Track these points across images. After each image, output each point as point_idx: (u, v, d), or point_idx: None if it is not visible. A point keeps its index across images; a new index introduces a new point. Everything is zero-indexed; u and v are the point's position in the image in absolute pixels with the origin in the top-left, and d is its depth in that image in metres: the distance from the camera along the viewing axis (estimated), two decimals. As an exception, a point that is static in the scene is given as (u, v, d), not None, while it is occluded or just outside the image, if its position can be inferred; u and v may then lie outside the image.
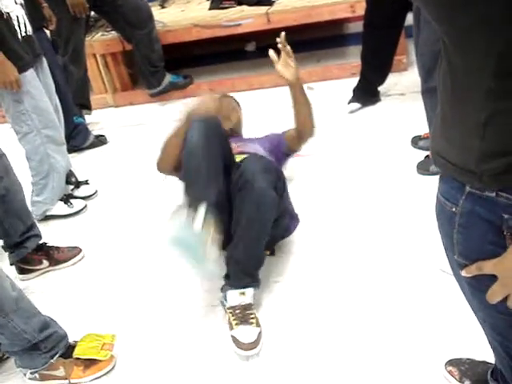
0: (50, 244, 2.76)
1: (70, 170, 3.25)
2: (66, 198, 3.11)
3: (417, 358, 1.84)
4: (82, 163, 3.62)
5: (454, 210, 1.03)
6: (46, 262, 2.71)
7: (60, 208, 3.09)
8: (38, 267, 2.70)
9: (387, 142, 3.12)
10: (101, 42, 4.32)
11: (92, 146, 3.80)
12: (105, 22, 4.38)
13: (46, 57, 3.32)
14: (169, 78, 4.27)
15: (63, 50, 3.88)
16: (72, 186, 3.25)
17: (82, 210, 3.13)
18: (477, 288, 1.07)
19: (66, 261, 2.74)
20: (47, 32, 3.54)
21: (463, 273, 1.06)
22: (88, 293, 2.53)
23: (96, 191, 3.26)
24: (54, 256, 2.73)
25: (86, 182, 3.29)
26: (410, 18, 3.96)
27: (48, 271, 2.72)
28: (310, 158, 3.14)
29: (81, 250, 2.79)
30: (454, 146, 0.99)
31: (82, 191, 3.25)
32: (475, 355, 1.74)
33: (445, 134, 1.01)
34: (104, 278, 2.61)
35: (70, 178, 3.24)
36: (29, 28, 2.78)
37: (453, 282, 2.04)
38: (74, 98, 3.80)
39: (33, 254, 2.68)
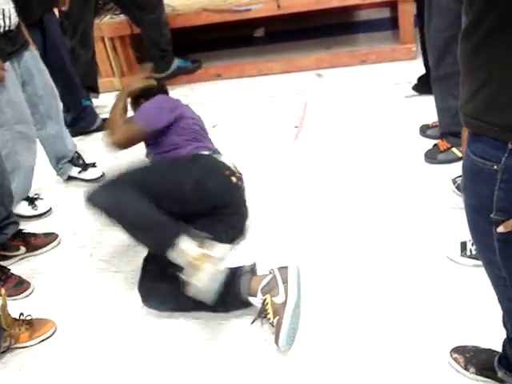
0: (26, 231, 2.75)
1: (77, 153, 3.26)
2: (32, 199, 3.03)
3: (422, 345, 1.85)
4: (89, 146, 3.63)
5: (495, 167, 1.09)
6: (23, 249, 2.71)
7: (23, 208, 3.00)
8: (15, 253, 2.70)
9: (395, 130, 3.11)
10: (109, 24, 4.31)
11: (99, 128, 3.79)
12: (113, 5, 4.36)
13: (54, 39, 3.35)
14: (177, 62, 4.26)
15: (72, 33, 3.85)
16: (80, 169, 3.25)
17: (46, 212, 3.03)
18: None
19: (43, 246, 2.75)
20: (56, 13, 3.54)
21: (500, 229, 1.13)
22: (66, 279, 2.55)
23: (103, 173, 3.25)
24: (30, 242, 2.73)
25: (94, 165, 3.29)
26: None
27: (25, 257, 2.72)
28: (316, 144, 3.14)
29: (57, 236, 2.79)
30: (494, 107, 1.06)
31: (89, 174, 3.25)
32: (480, 343, 1.75)
33: (481, 98, 1.08)
34: (81, 262, 2.63)
35: (78, 161, 3.25)
36: (13, 22, 2.68)
37: (459, 269, 2.10)
38: (82, 81, 3.79)
39: (11, 240, 2.67)
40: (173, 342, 2.09)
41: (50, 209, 3.06)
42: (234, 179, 2.46)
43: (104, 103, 4.16)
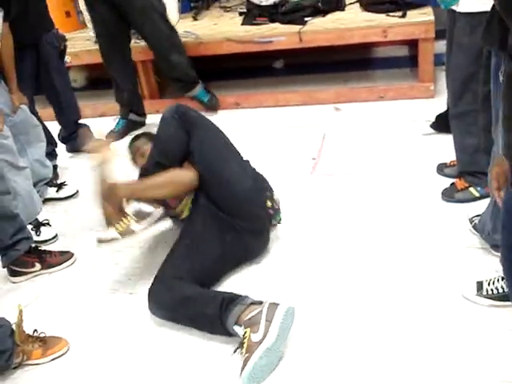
0: (42, 248, 2.78)
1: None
2: (37, 225, 3.03)
3: None
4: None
5: None
6: (38, 265, 2.73)
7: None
8: (30, 270, 2.72)
9: (412, 167, 3.13)
10: (132, 49, 4.38)
11: None
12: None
13: (47, 61, 3.44)
14: (198, 90, 4.27)
15: (106, 66, 4.13)
16: (56, 188, 3.42)
17: (51, 239, 3.02)
18: None
19: (58, 264, 2.76)
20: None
21: None
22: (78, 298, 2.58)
23: (77, 190, 3.45)
24: (46, 259, 2.75)
25: (65, 183, 3.46)
26: (439, 47, 4.03)
27: (40, 274, 2.74)
28: (334, 177, 3.16)
29: (73, 255, 2.81)
30: None
31: (64, 192, 3.43)
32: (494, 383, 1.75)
33: None
34: (95, 282, 2.65)
35: (52, 181, 3.43)
36: None
37: (475, 309, 2.09)
38: (127, 105, 4.13)
39: (25, 257, 2.70)
40: (186, 365, 2.09)
41: (56, 236, 3.05)
42: (269, 203, 2.54)
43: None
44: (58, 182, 3.50)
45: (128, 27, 4.00)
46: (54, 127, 3.79)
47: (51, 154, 3.58)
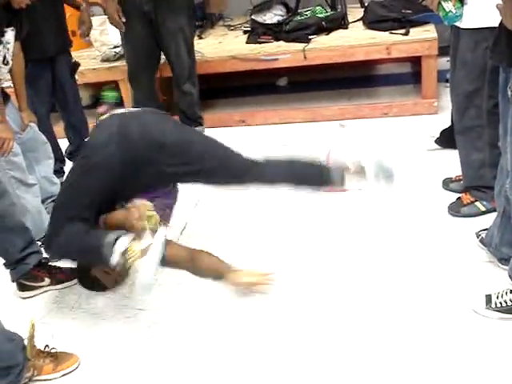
0: (52, 263, 2.79)
1: None
2: None
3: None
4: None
5: None
6: (47, 280, 2.75)
7: None
8: (39, 284, 2.74)
9: (418, 183, 3.15)
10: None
11: None
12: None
13: (62, 80, 3.51)
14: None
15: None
16: None
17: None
18: None
19: (67, 280, 2.78)
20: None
21: None
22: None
23: None
24: (55, 275, 2.77)
25: None
26: (441, 64, 4.08)
27: (49, 290, 2.76)
28: (340, 192, 3.17)
29: None
30: None
31: None
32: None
33: None
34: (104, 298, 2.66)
35: None
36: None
37: (485, 322, 2.10)
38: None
39: (35, 271, 2.72)
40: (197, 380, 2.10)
41: None
42: None
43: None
44: None
45: (158, 47, 3.97)
46: (65, 144, 3.84)
47: (59, 172, 3.61)
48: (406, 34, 3.98)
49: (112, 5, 3.71)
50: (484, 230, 2.51)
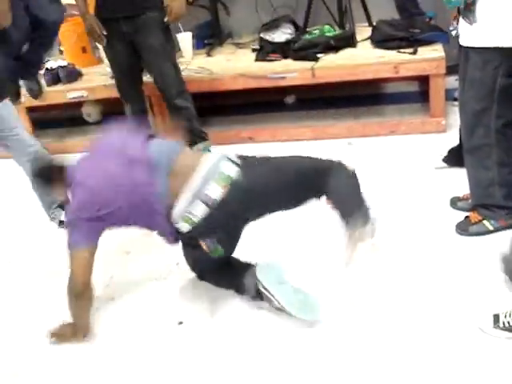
0: None
1: None
2: None
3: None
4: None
5: None
6: None
7: None
8: None
9: (425, 201, 3.15)
10: (147, 84, 4.45)
11: None
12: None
13: None
14: (201, 146, 4.16)
15: None
16: None
17: None
18: None
19: None
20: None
21: None
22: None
23: None
24: None
25: None
26: (449, 82, 4.09)
27: None
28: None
29: None
30: None
31: None
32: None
33: None
34: (112, 315, 2.66)
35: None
36: None
37: (492, 342, 2.09)
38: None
39: None
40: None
41: None
42: None
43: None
44: None
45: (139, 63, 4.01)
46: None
47: None
48: (414, 52, 4.01)
49: (91, 18, 3.77)
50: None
